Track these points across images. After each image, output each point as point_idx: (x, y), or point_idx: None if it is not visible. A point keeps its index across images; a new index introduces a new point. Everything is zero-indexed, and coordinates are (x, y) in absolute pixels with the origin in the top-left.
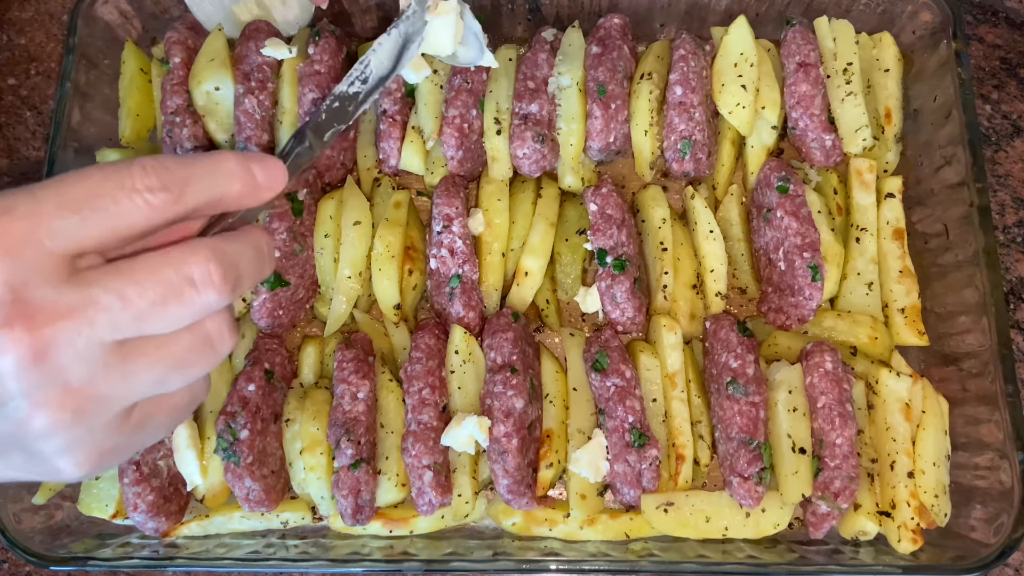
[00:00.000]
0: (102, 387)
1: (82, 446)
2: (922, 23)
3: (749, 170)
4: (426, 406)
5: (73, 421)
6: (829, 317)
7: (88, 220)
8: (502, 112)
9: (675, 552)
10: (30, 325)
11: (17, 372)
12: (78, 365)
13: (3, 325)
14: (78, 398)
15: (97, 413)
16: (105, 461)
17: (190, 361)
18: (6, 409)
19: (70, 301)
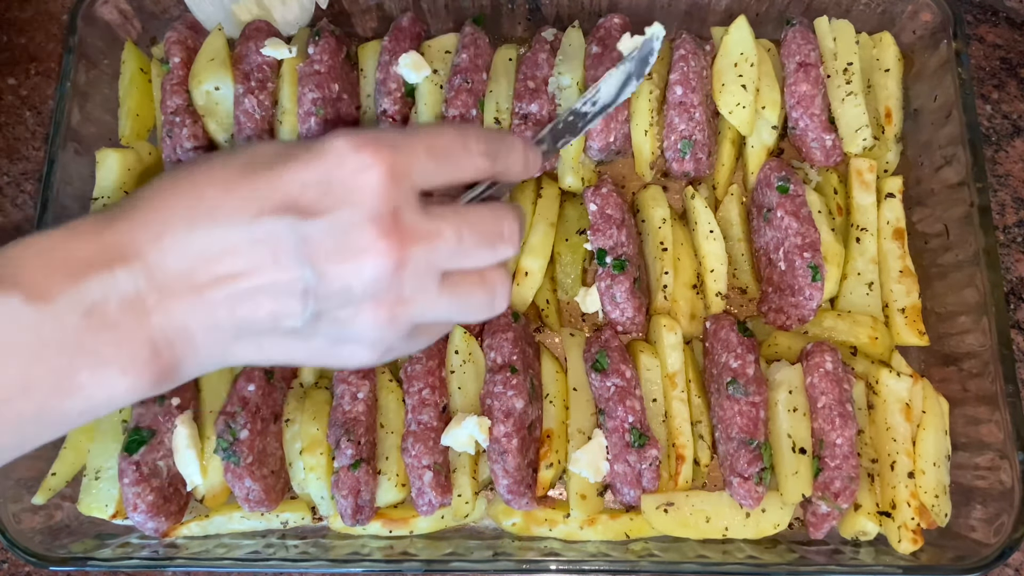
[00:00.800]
0: (419, 304)
1: (380, 344)
2: (922, 23)
3: (749, 170)
4: (426, 406)
5: (389, 325)
6: (829, 317)
7: (441, 168)
8: (502, 112)
9: (675, 552)
10: (400, 240)
11: (377, 275)
12: (415, 281)
13: (384, 235)
14: (402, 307)
15: (405, 322)
16: (384, 357)
17: (476, 304)
18: (349, 299)
19: (425, 228)
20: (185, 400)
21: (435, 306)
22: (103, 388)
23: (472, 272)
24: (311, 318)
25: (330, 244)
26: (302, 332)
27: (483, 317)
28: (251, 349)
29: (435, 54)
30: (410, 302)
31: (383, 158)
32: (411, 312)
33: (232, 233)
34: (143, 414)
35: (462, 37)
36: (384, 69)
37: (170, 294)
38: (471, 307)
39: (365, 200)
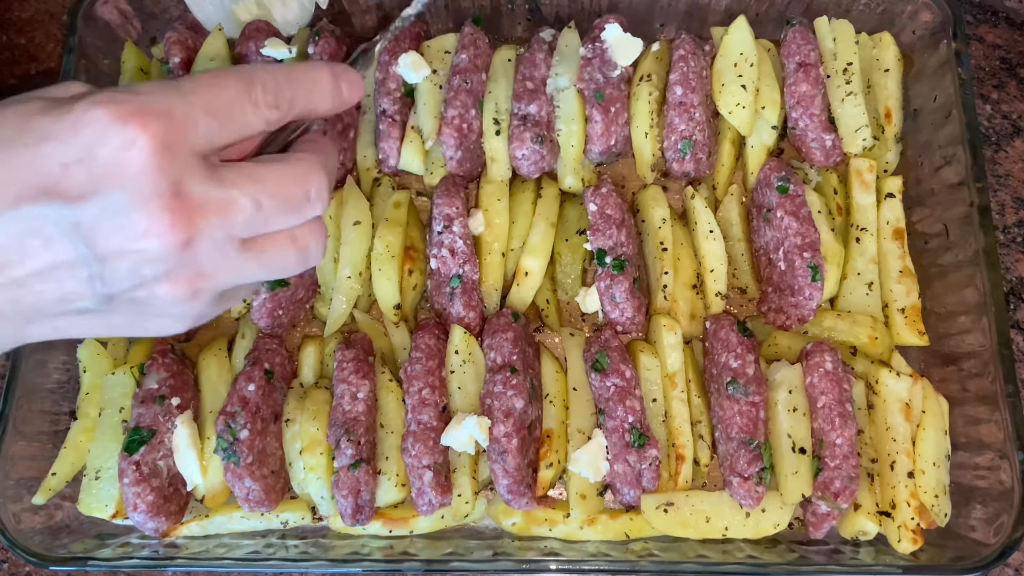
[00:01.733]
0: (221, 275)
1: (187, 316)
2: (922, 23)
3: (749, 170)
4: (426, 406)
5: (191, 299)
6: (829, 317)
7: (225, 127)
8: (501, 113)
9: (675, 552)
10: (186, 216)
11: (165, 254)
12: (212, 254)
13: (163, 213)
14: (202, 280)
15: (208, 293)
16: (196, 324)
17: (288, 264)
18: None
19: (216, 197)
20: (185, 400)
21: (240, 273)
22: None
23: (279, 233)
24: (104, 300)
25: (106, 229)
26: (98, 311)
27: (297, 272)
28: (46, 328)
29: (434, 54)
30: (210, 275)
31: (151, 130)
32: (213, 283)
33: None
34: (143, 414)
35: (462, 37)
36: (384, 69)
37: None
38: (281, 267)
39: (136, 179)
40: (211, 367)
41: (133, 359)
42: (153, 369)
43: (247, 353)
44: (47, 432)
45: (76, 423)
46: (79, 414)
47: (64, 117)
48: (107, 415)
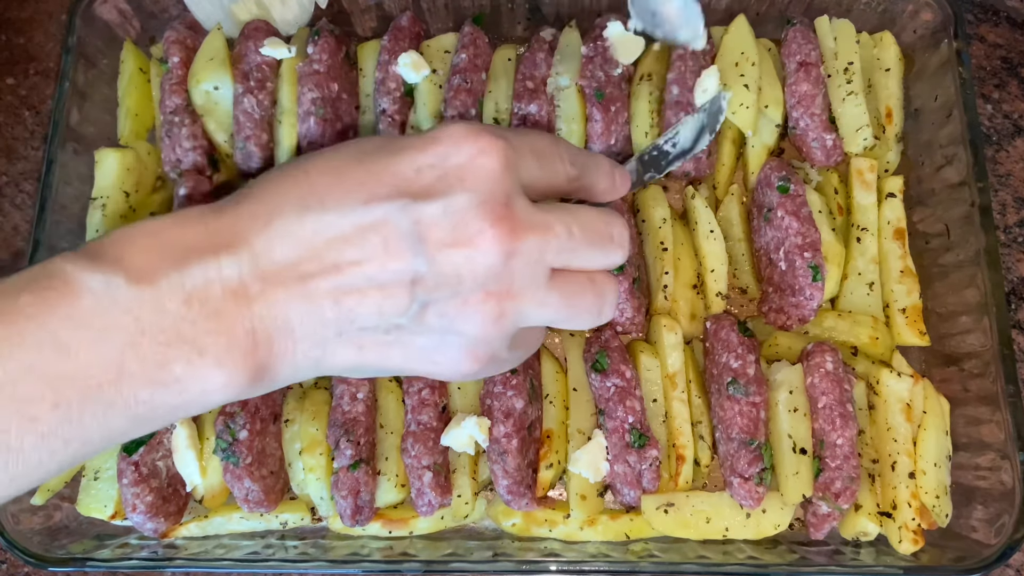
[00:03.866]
0: (527, 300)
1: (483, 346)
2: (923, 22)
3: (750, 170)
4: (426, 406)
5: (497, 321)
6: (830, 317)
7: (542, 168)
8: (501, 112)
9: (675, 553)
10: (513, 228)
11: (489, 262)
12: (525, 275)
13: (498, 222)
14: (511, 302)
15: (512, 319)
16: (486, 368)
17: (585, 305)
18: (458, 289)
19: (537, 219)
20: None
21: (543, 304)
22: (197, 381)
23: (581, 273)
24: (417, 311)
25: (443, 228)
26: (406, 329)
27: (589, 324)
28: (351, 350)
29: (434, 54)
30: (519, 296)
31: (499, 147)
32: (519, 308)
33: (342, 220)
34: None
35: (461, 37)
36: (383, 69)
37: (274, 283)
38: (579, 310)
39: (480, 185)
40: None
41: None
42: None
43: None
44: None
45: None
46: None
47: (424, 134)
48: None
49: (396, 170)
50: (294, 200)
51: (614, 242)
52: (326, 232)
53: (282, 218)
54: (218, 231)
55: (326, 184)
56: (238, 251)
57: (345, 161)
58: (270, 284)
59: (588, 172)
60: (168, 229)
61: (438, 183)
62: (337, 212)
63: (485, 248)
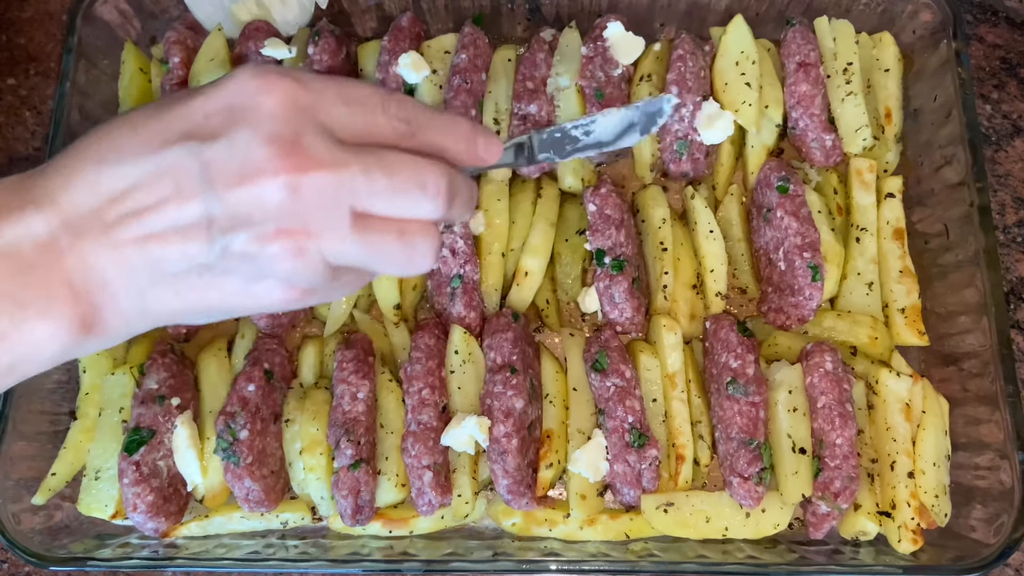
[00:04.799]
0: (327, 239)
1: (296, 280)
2: (922, 23)
3: (749, 170)
4: (426, 406)
5: (298, 257)
6: (829, 317)
7: (352, 116)
8: (501, 112)
9: (675, 552)
10: (299, 162)
11: (276, 198)
12: (320, 212)
13: (280, 155)
14: (308, 240)
15: (315, 257)
16: (304, 298)
17: (392, 254)
18: (252, 226)
19: (332, 157)
20: (185, 400)
21: (345, 246)
22: (23, 334)
23: (389, 219)
24: (221, 251)
25: (229, 166)
26: (216, 269)
27: (401, 272)
28: (169, 294)
29: (434, 54)
30: (317, 235)
31: (285, 86)
32: (320, 246)
33: (136, 168)
34: (143, 414)
35: (461, 37)
36: (383, 69)
37: (82, 235)
38: (385, 257)
39: (262, 120)
40: (211, 367)
41: (133, 359)
42: (153, 369)
43: (247, 353)
44: (47, 432)
45: (76, 423)
46: (79, 414)
47: (216, 80)
48: (107, 415)
49: (186, 116)
50: (93, 154)
51: (425, 191)
52: (123, 181)
53: (82, 172)
54: (26, 190)
55: (123, 136)
56: (43, 206)
57: (142, 114)
58: (77, 236)
59: (428, 130)
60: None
61: (224, 125)
62: (131, 162)
63: (268, 183)
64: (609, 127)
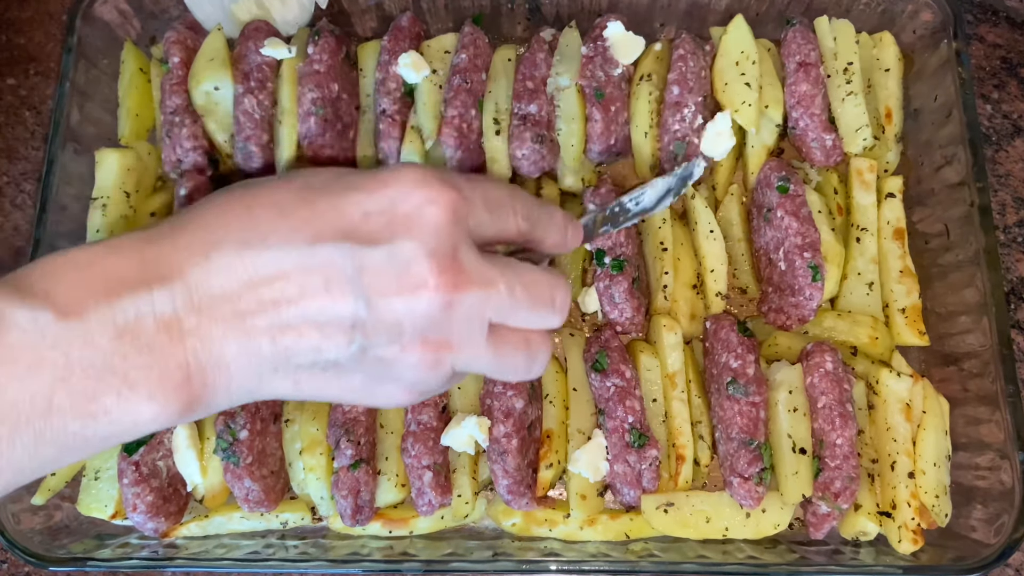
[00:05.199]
0: (463, 352)
1: (418, 386)
2: (922, 23)
3: (749, 170)
4: (426, 406)
5: (432, 368)
6: (829, 317)
7: (494, 221)
8: (501, 112)
9: (675, 552)
10: (456, 280)
11: (429, 312)
12: (463, 327)
13: (441, 272)
14: (447, 352)
15: (446, 367)
16: (419, 399)
17: (516, 365)
18: (397, 336)
19: (481, 273)
20: None
21: (477, 357)
22: (128, 413)
23: (517, 331)
24: (356, 353)
25: (386, 275)
26: (343, 368)
27: (518, 379)
28: (287, 383)
29: (434, 54)
30: (455, 348)
31: (449, 197)
32: (455, 358)
33: (285, 257)
34: None
35: (461, 37)
36: (383, 69)
37: (210, 317)
38: (510, 367)
39: (427, 234)
40: None
41: None
42: None
43: None
44: None
45: None
46: None
47: (375, 175)
48: None
49: (343, 211)
50: (235, 234)
51: (554, 307)
52: (266, 269)
53: (220, 252)
54: (152, 262)
55: (269, 220)
56: (172, 284)
57: (290, 197)
58: (205, 318)
59: (540, 225)
60: (98, 261)
61: (384, 230)
62: (279, 250)
63: (427, 299)
64: (654, 196)
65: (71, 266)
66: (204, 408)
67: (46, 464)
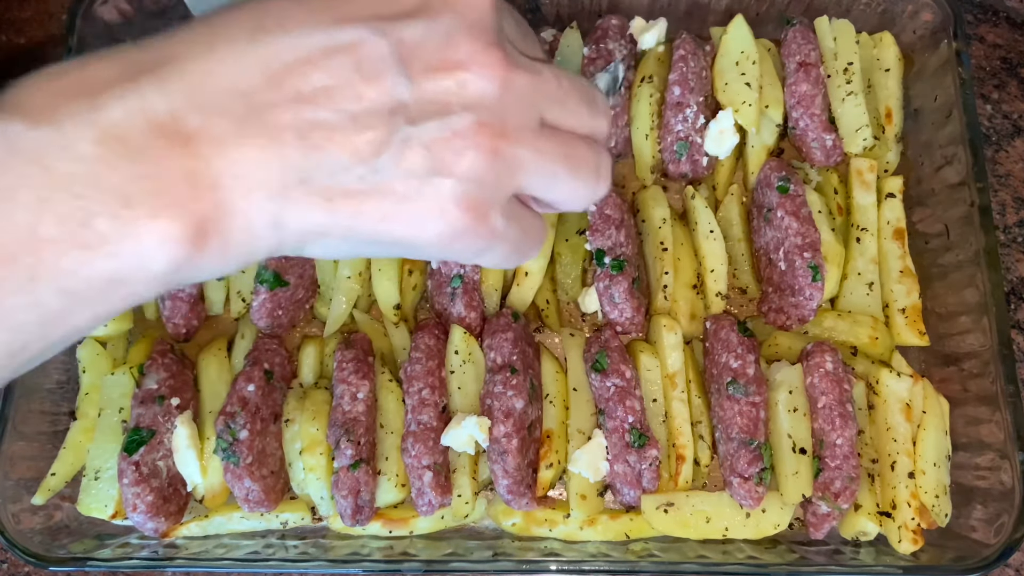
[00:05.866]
0: (522, 144)
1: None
2: (923, 23)
3: (749, 170)
4: (426, 406)
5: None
6: (829, 317)
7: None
8: None
9: (675, 553)
10: (506, 58)
11: (482, 90)
12: (518, 115)
13: (490, 47)
14: (505, 141)
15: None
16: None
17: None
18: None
19: (529, 63)
20: (185, 400)
21: (540, 152)
22: (128, 238)
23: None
24: (398, 147)
25: (428, 49)
26: (383, 172)
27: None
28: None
29: None
30: (514, 136)
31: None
32: (515, 151)
33: (307, 40)
34: (143, 414)
35: None
36: None
37: (218, 115)
38: (578, 164)
39: (469, 10)
40: (211, 367)
41: (133, 359)
42: (153, 369)
43: (247, 353)
44: (47, 432)
45: (76, 423)
46: (78, 414)
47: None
48: (106, 415)
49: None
50: (246, 22)
51: (597, 104)
52: (286, 55)
53: (229, 41)
54: (142, 60)
55: (284, 8)
56: (166, 78)
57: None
58: (212, 116)
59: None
60: (76, 68)
61: (421, 6)
62: (300, 33)
63: (478, 71)
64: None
65: (44, 77)
66: (221, 239)
67: (49, 316)
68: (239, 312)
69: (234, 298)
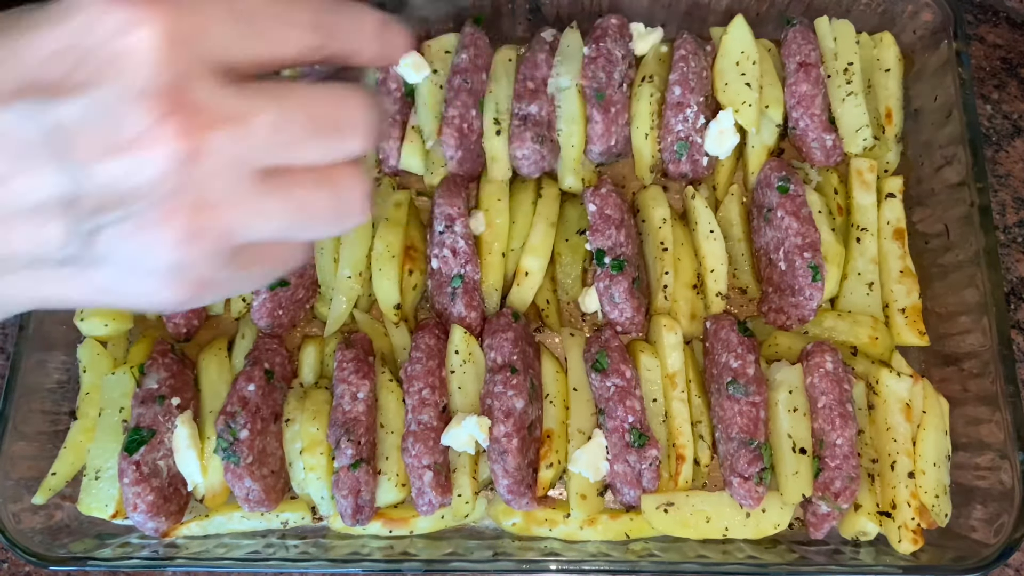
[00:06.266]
0: (231, 213)
1: (185, 272)
2: (923, 23)
3: (750, 170)
4: (426, 406)
5: (191, 241)
6: (829, 317)
7: (250, 35)
8: (502, 113)
9: (675, 552)
10: (190, 123)
11: (161, 170)
12: (220, 180)
13: (165, 116)
14: (208, 216)
15: (214, 240)
16: (199, 295)
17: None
18: (129, 208)
19: (232, 107)
20: (185, 400)
21: (259, 212)
22: None
23: (309, 169)
24: (86, 238)
25: (91, 132)
26: (80, 260)
27: (330, 229)
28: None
29: (435, 54)
30: (219, 208)
31: (157, 15)
32: (224, 222)
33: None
34: (143, 414)
35: (462, 37)
36: (384, 69)
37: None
38: (311, 212)
39: (133, 70)
40: (211, 367)
41: (133, 359)
42: (153, 369)
43: (247, 353)
44: (47, 432)
45: (76, 423)
46: (79, 414)
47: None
48: (107, 415)
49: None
50: None
51: (347, 128)
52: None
53: None
54: None
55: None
56: None
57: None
58: None
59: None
60: None
61: (75, 73)
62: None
63: (152, 152)
64: None
65: None
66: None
67: None
68: (239, 312)
69: (234, 298)
